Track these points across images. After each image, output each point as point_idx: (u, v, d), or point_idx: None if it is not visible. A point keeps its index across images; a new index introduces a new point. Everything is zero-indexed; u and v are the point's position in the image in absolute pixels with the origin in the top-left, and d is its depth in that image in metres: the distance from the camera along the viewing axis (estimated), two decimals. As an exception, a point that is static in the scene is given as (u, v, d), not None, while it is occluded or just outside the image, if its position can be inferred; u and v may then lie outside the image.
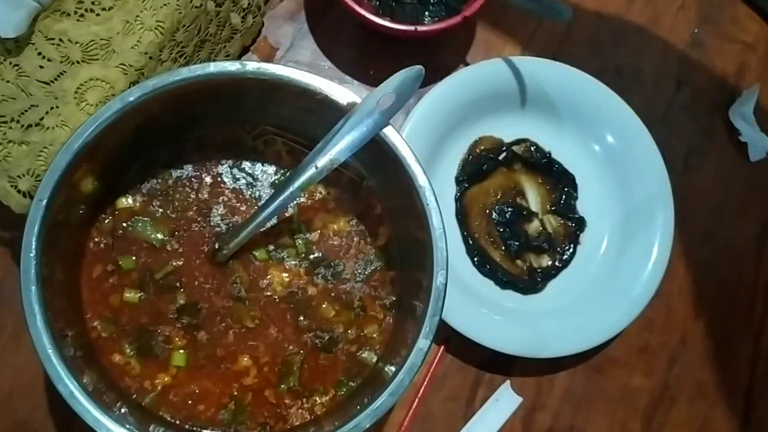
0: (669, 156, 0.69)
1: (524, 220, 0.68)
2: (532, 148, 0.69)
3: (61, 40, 0.53)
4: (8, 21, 0.51)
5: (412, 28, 0.62)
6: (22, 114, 0.52)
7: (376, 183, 0.59)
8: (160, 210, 0.57)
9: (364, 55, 0.69)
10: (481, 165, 0.68)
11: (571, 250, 0.68)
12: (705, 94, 0.73)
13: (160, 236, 0.57)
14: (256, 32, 0.67)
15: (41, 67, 0.53)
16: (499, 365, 0.64)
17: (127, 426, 0.47)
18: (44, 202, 0.49)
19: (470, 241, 0.67)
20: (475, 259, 0.66)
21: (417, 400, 0.62)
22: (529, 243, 0.68)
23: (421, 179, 0.52)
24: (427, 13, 0.67)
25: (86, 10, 0.53)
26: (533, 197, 0.69)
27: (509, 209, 0.68)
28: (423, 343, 0.50)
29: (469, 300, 0.63)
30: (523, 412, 0.63)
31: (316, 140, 0.59)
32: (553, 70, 0.69)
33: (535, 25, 0.72)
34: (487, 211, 0.68)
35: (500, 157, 0.69)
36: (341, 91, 0.53)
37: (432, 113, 0.65)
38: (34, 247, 0.48)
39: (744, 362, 0.67)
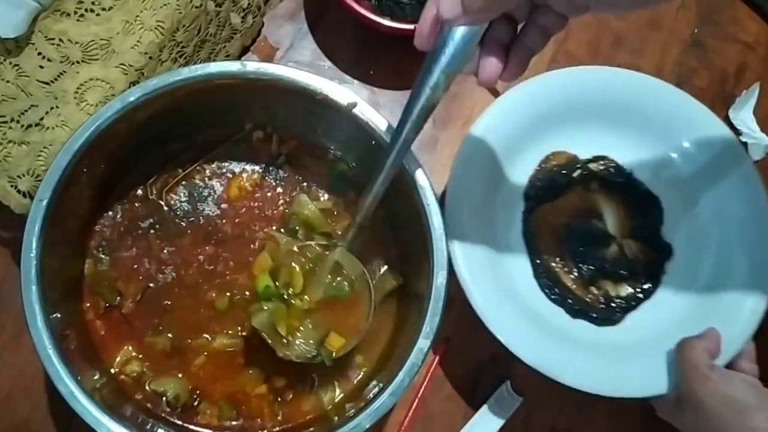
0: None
1: (601, 243, 0.62)
2: (611, 167, 0.64)
3: (61, 40, 0.53)
4: (8, 21, 0.51)
5: (411, 27, 0.62)
6: (22, 114, 0.52)
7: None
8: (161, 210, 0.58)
9: (364, 55, 0.69)
10: (553, 182, 0.63)
11: (654, 279, 0.62)
12: (705, 94, 0.73)
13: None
14: (256, 32, 0.67)
15: (41, 67, 0.53)
16: (500, 365, 0.64)
17: (128, 425, 0.47)
18: (44, 202, 0.49)
19: (538, 262, 0.61)
20: (544, 282, 0.61)
21: (417, 400, 0.62)
22: (606, 269, 0.62)
23: (421, 179, 0.52)
24: (427, 13, 0.67)
25: (86, 10, 0.53)
26: (611, 220, 0.63)
27: (583, 231, 0.62)
28: (423, 343, 0.50)
29: (533, 325, 0.58)
30: (523, 412, 0.63)
31: (316, 140, 0.59)
32: (636, 82, 0.63)
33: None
34: (559, 231, 0.62)
35: (574, 175, 0.63)
36: (341, 91, 0.53)
37: (498, 125, 0.61)
38: (34, 247, 0.48)
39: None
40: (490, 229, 0.61)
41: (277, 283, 0.53)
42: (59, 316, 0.49)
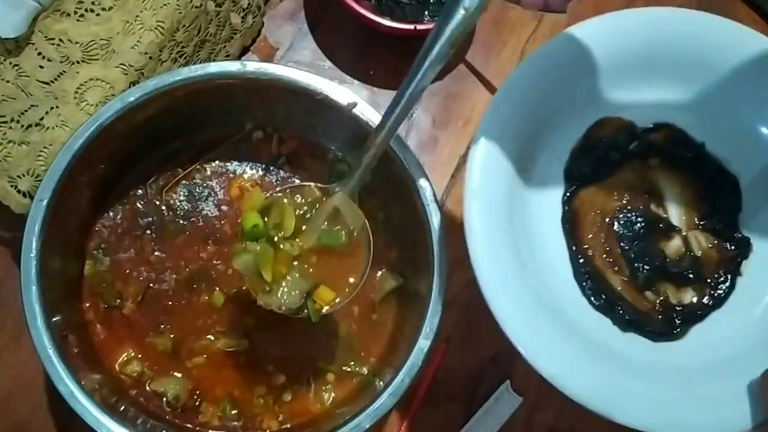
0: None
1: (660, 236, 0.51)
2: (677, 138, 0.51)
3: (61, 40, 0.53)
4: (8, 21, 0.51)
5: (411, 27, 0.62)
6: (22, 114, 0.53)
7: (376, 184, 0.59)
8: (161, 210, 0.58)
9: (364, 55, 0.69)
10: (603, 157, 0.51)
11: (727, 283, 0.50)
12: (705, 93, 0.73)
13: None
14: (256, 32, 0.67)
15: (41, 67, 0.53)
16: (500, 365, 0.64)
17: (128, 425, 0.47)
18: (44, 202, 0.49)
19: (581, 260, 0.50)
20: (587, 284, 0.50)
21: (417, 400, 0.62)
22: (666, 269, 0.50)
23: (421, 180, 0.52)
24: (426, 12, 0.67)
25: (86, 10, 0.53)
26: (675, 205, 0.52)
27: (639, 219, 0.51)
28: (423, 343, 0.50)
29: (572, 342, 0.47)
30: (523, 412, 0.63)
31: (316, 140, 0.59)
32: (714, 28, 0.50)
33: (535, 24, 0.72)
34: (608, 219, 0.51)
35: (630, 147, 0.52)
36: (341, 91, 0.53)
37: (532, 83, 0.49)
38: (34, 247, 0.48)
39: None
40: (521, 216, 0.50)
41: (266, 221, 0.47)
42: (59, 316, 0.50)
